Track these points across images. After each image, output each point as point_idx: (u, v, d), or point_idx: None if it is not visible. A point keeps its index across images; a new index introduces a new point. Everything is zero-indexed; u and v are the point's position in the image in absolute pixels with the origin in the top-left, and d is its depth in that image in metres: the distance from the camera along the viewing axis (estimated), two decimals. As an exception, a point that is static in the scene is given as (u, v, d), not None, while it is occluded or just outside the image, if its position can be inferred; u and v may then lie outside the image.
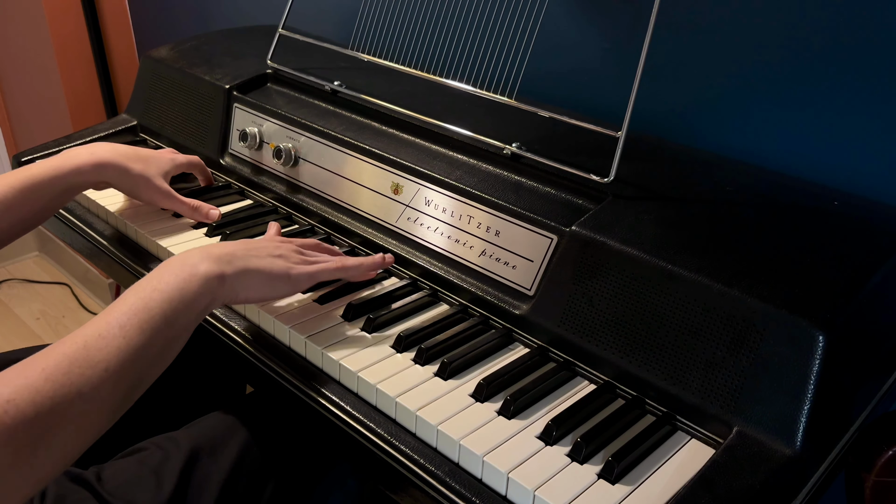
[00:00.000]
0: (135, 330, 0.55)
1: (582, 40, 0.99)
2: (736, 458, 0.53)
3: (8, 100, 2.13)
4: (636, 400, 0.61)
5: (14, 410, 0.47)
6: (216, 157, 1.01)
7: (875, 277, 0.60)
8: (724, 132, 0.90)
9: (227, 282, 0.62)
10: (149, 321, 0.56)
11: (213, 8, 1.61)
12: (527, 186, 0.76)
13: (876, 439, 0.62)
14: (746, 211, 0.70)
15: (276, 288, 0.66)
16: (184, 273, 0.60)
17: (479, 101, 0.83)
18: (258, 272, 0.65)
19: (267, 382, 0.70)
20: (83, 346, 0.52)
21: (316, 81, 0.99)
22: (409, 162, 0.81)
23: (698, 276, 0.59)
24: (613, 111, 0.77)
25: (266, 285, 0.66)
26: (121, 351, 0.53)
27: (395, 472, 0.59)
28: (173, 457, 0.69)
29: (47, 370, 0.50)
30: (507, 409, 0.59)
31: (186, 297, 0.59)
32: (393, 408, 0.61)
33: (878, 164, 0.78)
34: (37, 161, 0.79)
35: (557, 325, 0.66)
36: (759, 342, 0.55)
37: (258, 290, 0.65)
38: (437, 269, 0.76)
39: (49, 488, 0.66)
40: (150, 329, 0.56)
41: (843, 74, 0.78)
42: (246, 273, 0.64)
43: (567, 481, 0.53)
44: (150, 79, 1.13)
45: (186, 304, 0.59)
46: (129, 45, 1.89)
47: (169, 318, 0.57)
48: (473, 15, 0.91)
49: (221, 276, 0.62)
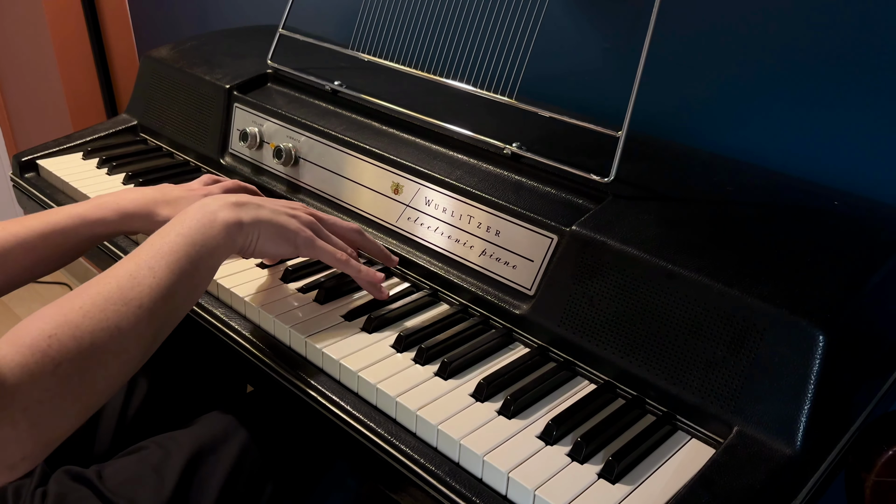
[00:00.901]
0: (163, 270, 0.58)
1: (582, 40, 0.99)
2: (736, 458, 0.53)
3: (8, 100, 2.13)
4: (636, 400, 0.61)
5: (57, 344, 0.50)
6: (216, 157, 1.01)
7: (875, 277, 0.60)
8: (724, 132, 0.90)
9: (244, 228, 0.65)
10: (176, 262, 0.59)
11: (213, 8, 1.62)
12: (527, 186, 0.76)
13: (876, 439, 0.62)
14: (746, 211, 0.70)
15: (279, 245, 0.68)
16: (205, 219, 0.63)
17: (480, 101, 0.83)
18: (269, 224, 0.67)
19: (267, 382, 0.70)
20: (116, 285, 0.55)
21: (316, 81, 0.99)
22: (410, 162, 0.81)
23: (698, 276, 0.59)
24: (613, 111, 0.77)
25: (274, 239, 0.68)
26: (152, 289, 0.57)
27: (395, 471, 0.59)
28: (174, 455, 0.69)
29: (85, 307, 0.53)
30: (508, 408, 0.59)
31: (208, 241, 0.62)
32: (393, 407, 0.61)
33: (878, 164, 0.78)
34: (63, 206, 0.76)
35: (557, 324, 0.66)
36: (759, 342, 0.55)
37: (266, 243, 0.67)
38: (437, 269, 0.76)
39: (50, 487, 0.66)
40: (177, 269, 0.59)
41: (842, 74, 0.78)
42: (259, 223, 0.66)
43: (567, 481, 0.53)
44: (150, 79, 1.13)
45: (208, 247, 0.62)
46: (129, 45, 1.89)
47: (194, 259, 0.60)
48: (473, 15, 0.91)
49: (239, 222, 0.65)
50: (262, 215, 0.67)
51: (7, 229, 0.71)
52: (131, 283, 0.56)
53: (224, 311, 0.75)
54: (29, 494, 0.66)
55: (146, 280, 0.57)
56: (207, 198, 0.67)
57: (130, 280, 0.56)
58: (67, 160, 1.06)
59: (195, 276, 0.61)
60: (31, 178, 1.05)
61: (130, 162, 1.05)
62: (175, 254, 0.59)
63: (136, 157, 1.07)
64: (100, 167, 1.03)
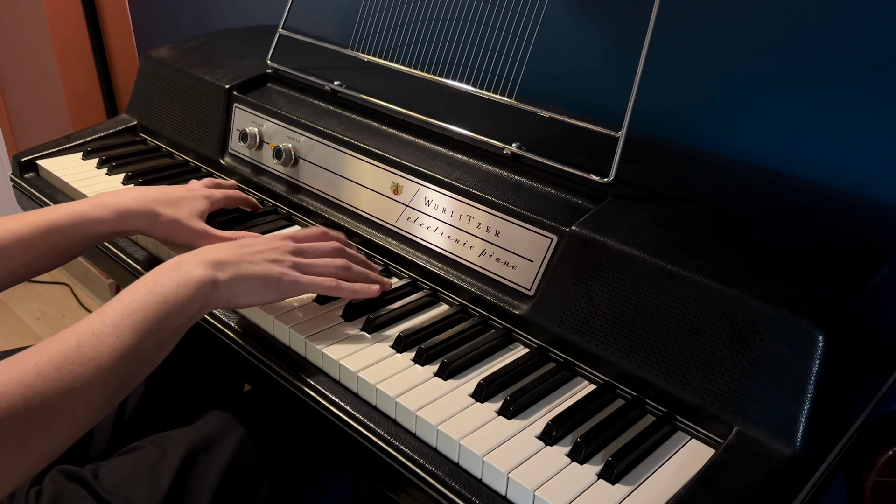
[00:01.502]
0: (128, 330, 0.55)
1: (582, 40, 0.99)
2: (736, 458, 0.53)
3: (8, 100, 2.13)
4: (636, 400, 0.61)
5: (5, 403, 0.48)
6: (216, 157, 1.01)
7: (875, 277, 0.60)
8: (724, 132, 0.90)
9: (220, 287, 0.63)
10: (142, 322, 0.57)
11: (213, 8, 1.62)
12: (527, 186, 0.76)
13: (876, 439, 0.62)
14: (746, 211, 0.70)
15: (264, 295, 0.67)
16: (179, 277, 0.61)
17: (479, 101, 0.83)
18: (250, 278, 0.65)
19: (265, 381, 0.70)
20: (76, 343, 0.53)
21: (316, 81, 0.99)
22: (409, 162, 0.81)
23: (698, 276, 0.59)
24: (613, 111, 0.77)
25: (256, 292, 0.66)
26: (113, 349, 0.54)
27: (394, 471, 0.59)
28: (170, 454, 0.69)
29: (39, 365, 0.50)
30: (507, 409, 0.59)
31: (180, 301, 0.60)
32: (393, 408, 0.61)
33: (878, 164, 0.78)
34: (62, 203, 0.75)
35: (557, 325, 0.66)
36: (759, 342, 0.55)
37: (248, 296, 0.66)
38: (437, 269, 0.76)
39: (45, 486, 0.66)
40: (143, 329, 0.56)
41: (842, 74, 0.78)
42: (237, 280, 0.64)
43: (567, 481, 0.53)
44: (150, 79, 1.13)
45: (180, 307, 0.59)
46: (129, 45, 1.89)
47: (162, 319, 0.58)
48: (473, 15, 0.91)
49: (214, 281, 0.62)
50: (240, 272, 0.64)
51: (6, 226, 0.70)
52: (92, 342, 0.53)
53: (223, 311, 0.75)
54: (23, 494, 0.66)
55: (108, 339, 0.54)
56: (185, 254, 0.65)
57: (92, 338, 0.54)
58: (67, 160, 1.06)
59: (162, 336, 0.58)
60: (31, 178, 1.05)
61: (130, 162, 1.05)
62: (143, 312, 0.57)
63: (135, 158, 1.07)
64: (100, 167, 1.03)
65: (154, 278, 0.60)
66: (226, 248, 0.67)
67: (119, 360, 0.54)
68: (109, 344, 0.54)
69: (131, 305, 0.57)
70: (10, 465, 0.49)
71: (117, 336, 0.55)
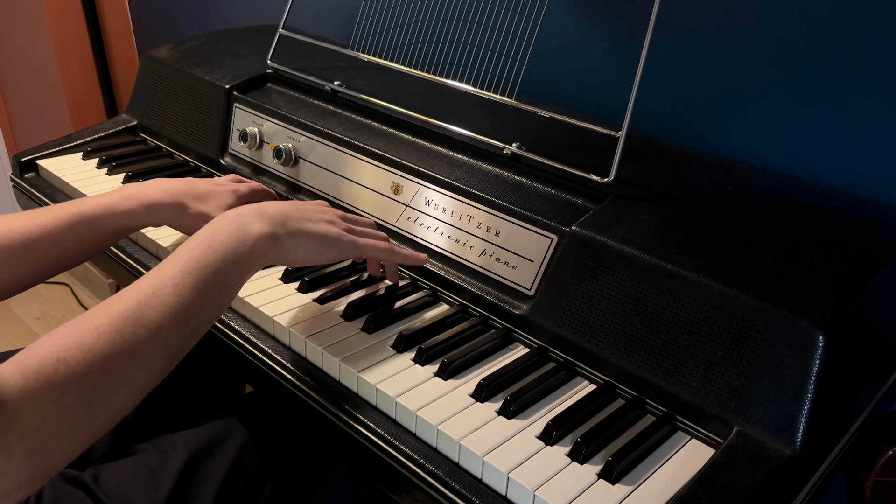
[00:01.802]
0: (188, 289, 0.55)
1: (582, 40, 0.99)
2: (736, 459, 0.53)
3: (8, 100, 2.13)
4: (636, 400, 0.61)
5: (64, 369, 0.47)
6: (216, 157, 1.01)
7: (875, 277, 0.60)
8: (724, 132, 0.90)
9: (279, 242, 0.62)
10: (202, 280, 0.56)
11: (213, 8, 1.62)
12: (527, 186, 0.76)
13: (876, 439, 0.62)
14: (746, 211, 0.70)
15: (323, 253, 0.67)
16: (239, 232, 0.60)
17: (479, 101, 0.83)
18: (310, 235, 0.65)
19: (266, 383, 0.70)
20: (136, 304, 0.52)
21: (316, 81, 0.99)
22: (409, 162, 0.81)
23: (698, 276, 0.59)
24: (613, 111, 0.77)
25: (315, 249, 0.66)
26: (174, 310, 0.53)
27: (395, 472, 0.59)
28: (171, 458, 0.69)
29: (100, 328, 0.50)
30: (507, 409, 0.59)
31: (239, 257, 0.59)
32: (393, 408, 0.61)
33: (878, 164, 0.78)
34: (89, 196, 0.74)
35: (557, 325, 0.66)
36: (759, 342, 0.55)
37: (307, 253, 0.65)
38: (437, 269, 0.76)
39: (45, 490, 0.66)
40: (203, 288, 0.56)
41: (842, 74, 0.78)
42: (299, 234, 0.64)
43: (567, 481, 0.53)
44: (150, 79, 1.13)
45: (239, 263, 0.59)
46: (129, 45, 1.89)
47: (222, 276, 0.57)
48: (473, 15, 0.91)
49: (274, 236, 0.62)
50: (301, 227, 0.64)
51: (34, 219, 0.68)
52: (152, 302, 0.52)
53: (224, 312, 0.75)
54: None
55: (168, 300, 0.53)
56: (245, 207, 0.64)
57: (152, 298, 0.53)
58: (67, 160, 1.06)
59: (221, 295, 0.57)
60: (31, 178, 1.05)
61: (130, 162, 1.05)
62: (202, 270, 0.56)
63: (135, 158, 1.07)
64: (100, 167, 1.03)
65: (212, 234, 0.59)
66: (284, 205, 0.66)
67: (180, 320, 0.53)
68: (170, 304, 0.53)
69: (190, 263, 0.56)
70: (75, 429, 0.48)
71: (177, 296, 0.54)
